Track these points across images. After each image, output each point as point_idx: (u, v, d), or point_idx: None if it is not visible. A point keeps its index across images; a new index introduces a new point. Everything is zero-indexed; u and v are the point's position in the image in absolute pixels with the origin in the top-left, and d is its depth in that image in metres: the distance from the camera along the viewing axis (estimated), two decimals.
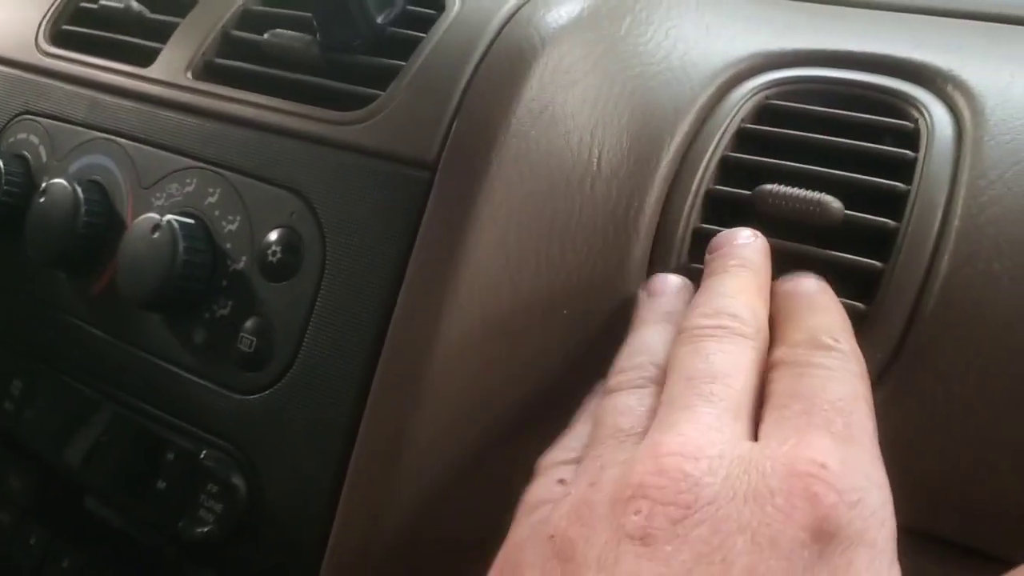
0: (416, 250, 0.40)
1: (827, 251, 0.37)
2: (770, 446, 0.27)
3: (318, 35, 0.46)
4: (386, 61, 0.44)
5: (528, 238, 0.40)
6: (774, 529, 0.24)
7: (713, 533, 0.24)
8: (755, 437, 0.29)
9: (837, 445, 0.27)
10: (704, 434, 0.27)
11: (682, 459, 0.26)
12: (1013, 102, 0.38)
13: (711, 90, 0.43)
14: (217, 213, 0.44)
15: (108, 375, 0.48)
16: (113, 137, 0.49)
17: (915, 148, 0.39)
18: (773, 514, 0.24)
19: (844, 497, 0.25)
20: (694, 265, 0.39)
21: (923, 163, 0.38)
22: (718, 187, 0.41)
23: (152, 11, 0.54)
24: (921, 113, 0.40)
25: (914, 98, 0.41)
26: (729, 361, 0.31)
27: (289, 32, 0.47)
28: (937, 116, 0.39)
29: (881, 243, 0.37)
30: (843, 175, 0.39)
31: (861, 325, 0.36)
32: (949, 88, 0.40)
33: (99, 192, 0.48)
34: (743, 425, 0.29)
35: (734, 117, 0.42)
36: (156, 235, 0.43)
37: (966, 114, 0.39)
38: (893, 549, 0.26)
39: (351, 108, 0.43)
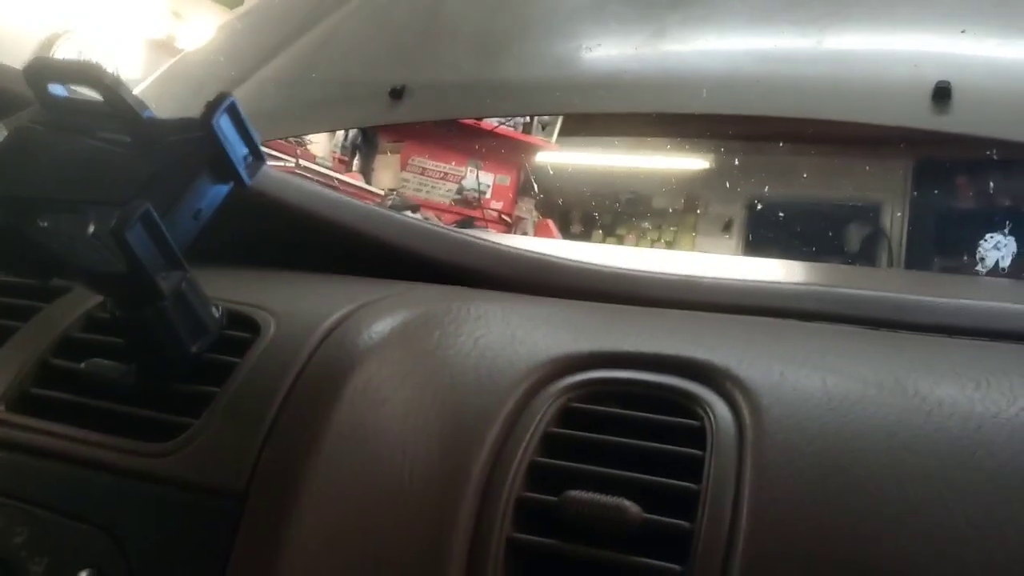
0: None
1: (626, 557, 0.39)
2: None
3: (133, 364, 0.47)
4: (200, 388, 0.45)
5: (342, 564, 0.40)
6: None
7: None
8: None
9: None
10: None
11: None
12: (785, 400, 0.42)
13: (517, 395, 0.46)
14: (24, 554, 0.43)
15: None
16: None
17: (702, 446, 0.42)
18: None
19: None
20: None
21: (710, 462, 0.41)
22: (528, 494, 0.42)
23: None
24: (705, 412, 0.43)
25: (699, 397, 0.44)
26: None
27: (106, 361, 0.48)
28: (720, 414, 0.43)
29: (678, 544, 0.39)
30: (640, 478, 0.41)
31: None
32: (728, 386, 0.44)
33: None
34: None
35: (540, 421, 0.45)
36: None
37: (745, 411, 0.42)
38: None
39: (166, 437, 0.44)
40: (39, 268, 0.40)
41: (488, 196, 4.14)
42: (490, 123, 3.73)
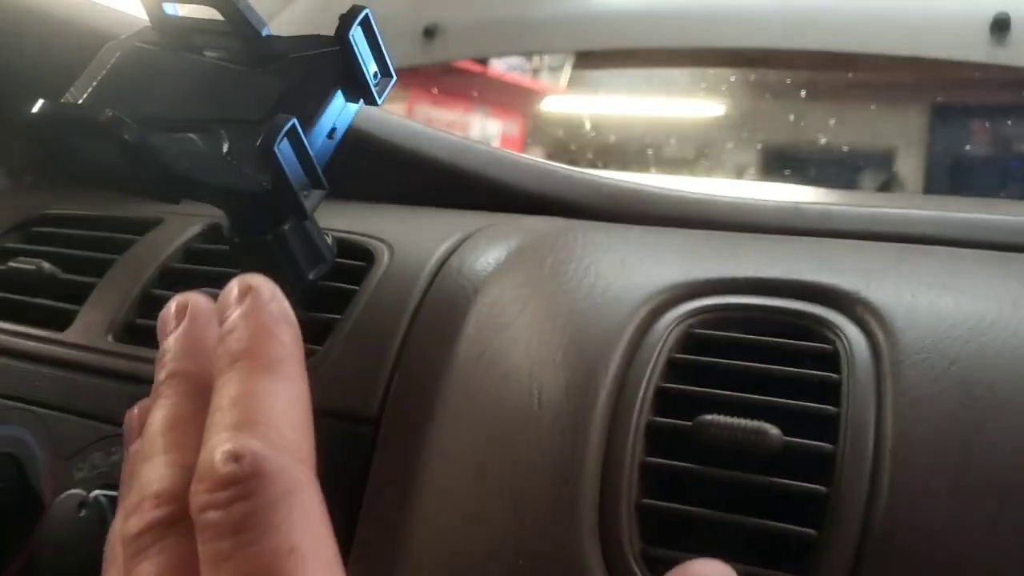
0: (364, 509, 0.39)
1: (772, 479, 0.38)
2: None
3: None
4: (321, 316, 0.45)
5: (477, 487, 0.40)
6: None
7: None
8: None
9: None
10: None
11: None
12: (920, 321, 0.41)
13: (636, 322, 0.45)
14: None
15: None
16: (28, 406, 0.47)
17: (837, 370, 0.41)
18: None
19: None
20: (646, 501, 0.39)
21: (848, 385, 0.40)
22: (657, 418, 0.42)
23: (65, 272, 0.53)
24: (837, 335, 0.42)
25: (828, 321, 0.43)
26: None
27: (216, 290, 0.47)
28: (852, 337, 0.42)
29: (821, 465, 0.38)
30: (776, 401, 0.41)
31: (812, 552, 0.37)
32: (859, 309, 0.43)
33: (13, 466, 0.45)
34: None
35: (663, 347, 0.44)
36: (83, 513, 0.41)
37: (879, 335, 0.41)
38: None
39: None
40: (171, 188, 0.39)
41: (496, 145, 4.11)
42: (497, 70, 3.68)
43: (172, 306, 0.32)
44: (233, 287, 0.30)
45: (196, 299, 0.32)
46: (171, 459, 0.27)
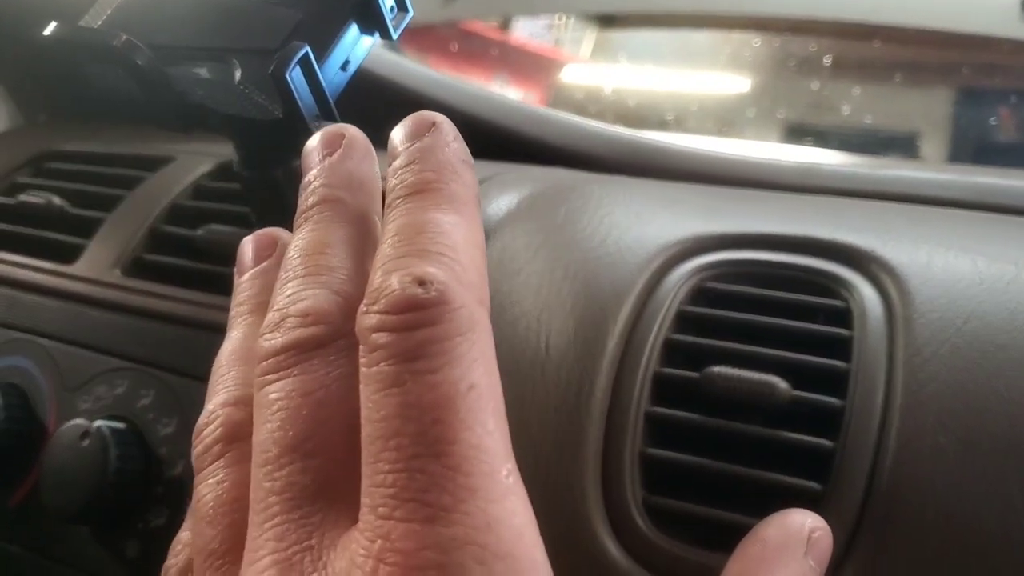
0: None
1: (778, 432, 0.38)
2: None
3: (255, 230, 0.46)
4: None
5: None
6: None
7: None
8: None
9: None
10: None
11: None
12: (935, 280, 0.41)
13: (648, 274, 0.45)
14: (151, 416, 0.43)
15: None
16: (34, 337, 0.47)
17: (848, 327, 0.40)
18: None
19: None
20: (650, 450, 0.39)
21: (859, 341, 0.40)
22: (665, 369, 0.41)
23: (74, 207, 0.53)
24: (850, 292, 0.42)
25: (842, 278, 0.43)
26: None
27: (226, 227, 0.47)
28: (866, 295, 0.41)
29: (828, 421, 0.38)
30: (786, 355, 0.40)
31: (816, 507, 0.36)
32: (874, 268, 0.42)
33: (18, 396, 0.46)
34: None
35: (673, 299, 0.44)
36: (85, 442, 0.41)
37: (893, 293, 0.41)
38: None
39: None
40: (183, 117, 0.38)
41: None
42: (518, 38, 3.65)
43: (318, 137, 0.28)
44: (407, 123, 0.26)
45: (352, 130, 0.28)
46: (321, 280, 0.24)
